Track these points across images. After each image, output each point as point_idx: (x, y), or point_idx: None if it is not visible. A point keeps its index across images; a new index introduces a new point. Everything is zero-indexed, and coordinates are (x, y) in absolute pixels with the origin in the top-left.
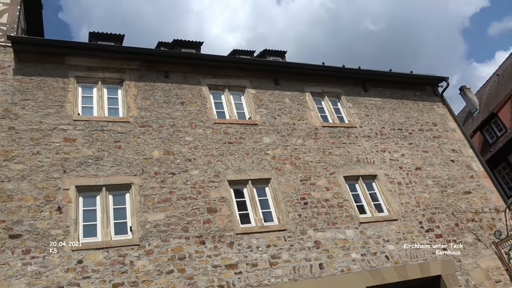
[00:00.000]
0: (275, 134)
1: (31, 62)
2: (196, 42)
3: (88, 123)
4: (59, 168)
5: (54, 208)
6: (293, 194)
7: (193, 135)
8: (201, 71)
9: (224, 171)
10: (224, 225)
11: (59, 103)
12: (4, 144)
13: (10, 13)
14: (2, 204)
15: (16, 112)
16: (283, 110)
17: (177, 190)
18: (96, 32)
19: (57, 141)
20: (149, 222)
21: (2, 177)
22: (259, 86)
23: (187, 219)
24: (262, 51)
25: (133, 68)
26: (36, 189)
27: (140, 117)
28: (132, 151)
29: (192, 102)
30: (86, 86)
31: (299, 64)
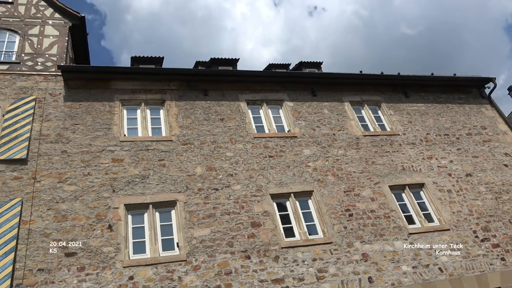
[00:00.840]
0: (315, 146)
1: (79, 88)
2: (232, 59)
3: (134, 143)
4: (108, 188)
5: (105, 227)
6: (337, 205)
7: (234, 151)
8: (239, 87)
9: (266, 185)
10: (268, 239)
11: (106, 126)
12: (58, 167)
13: (59, 44)
14: (58, 224)
15: (68, 136)
16: (322, 121)
17: (220, 206)
18: (137, 56)
19: (106, 162)
20: (195, 237)
21: (57, 198)
22: (296, 99)
23: (231, 234)
24: (298, 63)
25: (173, 88)
26: (88, 209)
27: (182, 135)
28: (176, 168)
29: (231, 118)
30: (130, 108)
31: (336, 74)
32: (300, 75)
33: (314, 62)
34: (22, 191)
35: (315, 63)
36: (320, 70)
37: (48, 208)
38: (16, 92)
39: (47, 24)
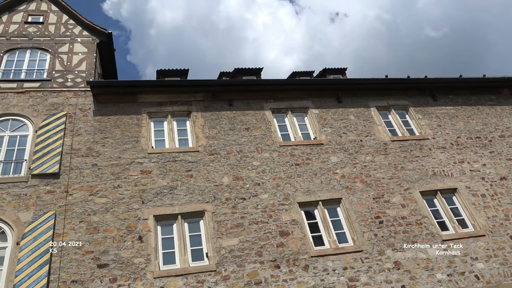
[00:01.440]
0: (342, 153)
1: (108, 103)
2: (256, 69)
3: (162, 155)
4: (138, 200)
5: (135, 238)
6: (367, 213)
7: (260, 160)
8: (263, 96)
9: (293, 194)
10: (297, 248)
11: (134, 139)
12: (89, 180)
13: (88, 60)
14: (90, 236)
15: (98, 150)
16: (348, 128)
17: (248, 215)
18: (162, 69)
19: (135, 174)
20: (224, 247)
21: (88, 210)
22: (321, 106)
23: (260, 244)
24: (322, 70)
25: (199, 100)
26: (119, 220)
27: (208, 146)
28: (203, 179)
29: (257, 127)
30: (157, 120)
31: (361, 79)
32: (325, 81)
33: (338, 68)
34: (55, 205)
35: (339, 69)
36: (344, 76)
37: (80, 220)
38: (48, 108)
39: (76, 42)
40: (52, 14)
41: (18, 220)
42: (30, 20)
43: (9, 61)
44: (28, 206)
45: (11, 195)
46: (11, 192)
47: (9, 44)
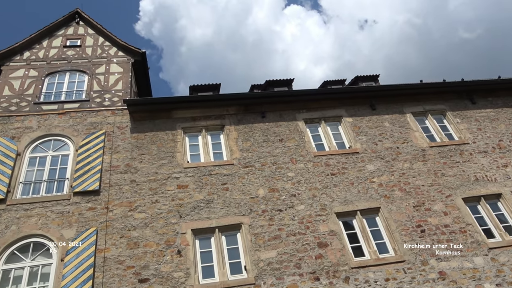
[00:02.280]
0: (378, 161)
1: (144, 120)
2: (287, 80)
3: (197, 169)
4: (175, 214)
5: (174, 252)
6: (407, 222)
7: (295, 170)
8: (296, 107)
9: (330, 204)
10: (337, 259)
11: (170, 154)
12: (128, 196)
13: (124, 80)
14: (130, 251)
15: (136, 166)
16: (384, 135)
17: (285, 227)
18: (195, 85)
19: (172, 189)
20: (262, 260)
21: (128, 226)
22: (355, 114)
23: (298, 255)
24: (354, 78)
25: (231, 113)
26: (158, 235)
27: (243, 159)
28: (239, 191)
29: (290, 138)
30: (192, 135)
31: (395, 85)
32: (357, 89)
33: (371, 76)
34: (97, 221)
35: (371, 76)
36: (377, 83)
37: (121, 236)
38: (87, 127)
39: (112, 62)
40: (89, 37)
41: (62, 237)
42: (69, 44)
43: (50, 84)
44: (71, 223)
45: (55, 213)
46: (55, 210)
47: (50, 67)
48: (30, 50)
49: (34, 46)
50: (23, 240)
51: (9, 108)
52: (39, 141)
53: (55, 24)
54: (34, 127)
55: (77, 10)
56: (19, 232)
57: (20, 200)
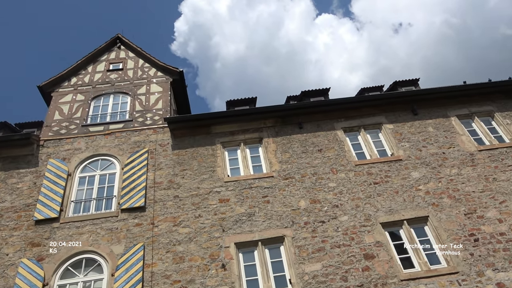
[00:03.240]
0: (424, 167)
1: (184, 136)
2: (323, 89)
3: (238, 182)
4: (218, 228)
5: (219, 266)
6: (459, 230)
7: (336, 181)
8: (333, 116)
9: (374, 214)
10: (385, 271)
11: (211, 169)
12: (172, 212)
13: (164, 99)
14: (176, 266)
15: (178, 182)
16: (428, 140)
17: (329, 238)
18: (232, 100)
19: (214, 203)
20: (307, 273)
21: (173, 241)
22: (396, 120)
23: (344, 268)
24: (392, 83)
25: (269, 126)
26: (202, 249)
27: (282, 170)
28: (280, 204)
29: (330, 148)
30: (231, 149)
31: (437, 88)
32: (397, 95)
33: (410, 80)
34: (143, 236)
35: (411, 80)
36: (417, 87)
37: (166, 250)
38: (132, 146)
39: (152, 83)
40: (130, 60)
41: (112, 252)
42: (111, 68)
43: (96, 106)
44: (120, 239)
45: (104, 230)
46: (104, 227)
47: (95, 91)
48: (76, 76)
49: (80, 72)
50: (76, 256)
51: (59, 132)
52: (88, 161)
53: (98, 50)
54: (83, 148)
55: (118, 36)
56: (72, 248)
57: (72, 218)
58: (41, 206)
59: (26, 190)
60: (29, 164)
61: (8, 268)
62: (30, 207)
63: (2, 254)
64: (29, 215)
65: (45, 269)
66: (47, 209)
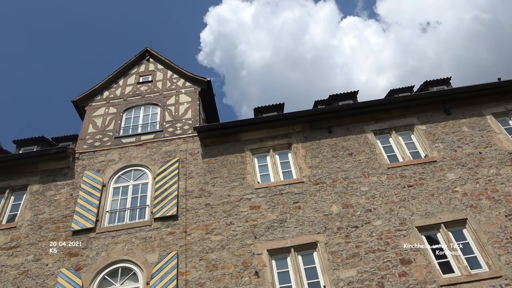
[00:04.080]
0: (460, 168)
1: (213, 145)
2: (351, 92)
3: (268, 189)
4: (250, 235)
5: (252, 273)
6: (500, 233)
7: (368, 184)
8: (363, 119)
9: (410, 217)
10: (423, 276)
11: (241, 176)
12: (204, 220)
13: (192, 108)
14: (209, 273)
15: (209, 190)
16: (463, 140)
17: (363, 244)
18: (259, 107)
19: (245, 210)
20: (342, 279)
21: (206, 249)
22: (428, 121)
23: (380, 274)
24: (423, 83)
25: (297, 131)
26: (235, 257)
27: (312, 176)
28: (311, 209)
29: (360, 151)
30: (260, 156)
31: (470, 86)
32: (428, 95)
33: (442, 79)
34: (177, 245)
35: (442, 79)
36: (449, 86)
37: (200, 258)
38: (163, 156)
39: (180, 93)
40: (159, 72)
41: (146, 261)
42: (141, 80)
43: (127, 118)
44: (154, 248)
45: (138, 239)
46: (138, 236)
47: (126, 104)
48: (108, 90)
49: (111, 86)
50: (112, 265)
51: (94, 144)
52: (121, 172)
53: (128, 63)
54: (116, 160)
55: (147, 49)
56: (108, 258)
57: (108, 228)
58: (78, 217)
59: (64, 201)
60: (65, 176)
61: (48, 278)
62: (67, 218)
63: (42, 264)
64: (67, 226)
65: (83, 278)
66: (83, 220)
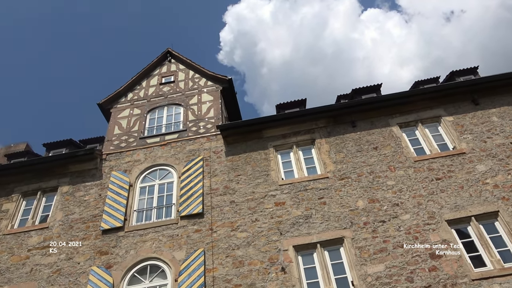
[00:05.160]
0: (490, 160)
1: (236, 143)
2: (375, 86)
3: (292, 185)
4: (276, 231)
5: (278, 269)
6: None
7: (395, 178)
8: (387, 112)
9: (439, 211)
10: (454, 271)
11: (264, 173)
12: (229, 217)
13: (215, 107)
14: (236, 270)
15: (233, 187)
16: (493, 131)
17: (391, 238)
18: (281, 103)
19: (270, 207)
20: (369, 275)
21: (232, 245)
22: (456, 112)
23: (409, 268)
24: (449, 74)
25: (321, 126)
26: (261, 253)
27: (337, 171)
28: (337, 204)
29: (385, 145)
30: (283, 152)
31: (498, 75)
32: (456, 85)
33: (468, 69)
34: (203, 242)
35: (469, 69)
36: (477, 76)
37: (226, 255)
38: (187, 155)
39: (203, 92)
40: (181, 72)
41: (174, 259)
42: (164, 81)
43: (151, 119)
44: (181, 245)
45: (165, 237)
46: (166, 234)
47: (150, 104)
48: (132, 92)
49: (135, 88)
50: (141, 263)
51: (120, 145)
52: (147, 172)
53: (151, 65)
54: (142, 160)
55: (168, 50)
56: (137, 256)
57: (136, 227)
58: (107, 217)
59: (93, 202)
60: (93, 177)
61: (80, 276)
62: (96, 217)
63: (74, 263)
64: (96, 225)
65: (113, 276)
66: (112, 219)
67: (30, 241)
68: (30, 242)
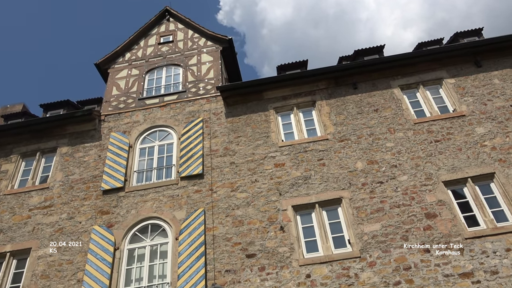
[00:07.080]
0: (489, 122)
1: (236, 104)
2: (377, 47)
3: (292, 147)
4: (275, 192)
5: (277, 228)
6: None
7: (394, 140)
8: (389, 74)
9: (436, 172)
10: (448, 230)
11: (265, 134)
12: (229, 178)
13: (215, 68)
14: (236, 229)
15: (233, 149)
16: (493, 93)
17: (388, 199)
18: (282, 64)
19: (269, 168)
20: (366, 233)
21: (232, 205)
22: (458, 74)
23: (405, 227)
24: (453, 35)
25: (322, 88)
26: (260, 213)
27: (337, 133)
28: (336, 166)
29: (386, 107)
30: (284, 114)
31: (502, 37)
32: (459, 47)
33: (473, 30)
34: (203, 202)
35: (473, 30)
36: (481, 38)
37: (226, 215)
38: (187, 116)
39: (202, 53)
40: (179, 31)
41: (174, 218)
42: (162, 41)
43: (150, 80)
44: (181, 205)
45: (166, 197)
46: (166, 194)
47: (148, 65)
48: (130, 51)
49: (133, 47)
50: (142, 222)
51: (118, 106)
52: (146, 133)
53: (148, 24)
54: (141, 121)
55: (166, 8)
56: (138, 215)
57: (136, 187)
58: (107, 177)
59: (92, 162)
60: (92, 138)
61: (82, 235)
62: (97, 178)
63: (75, 222)
64: (97, 186)
65: (115, 234)
66: (112, 180)
67: (31, 201)
68: (31, 202)
